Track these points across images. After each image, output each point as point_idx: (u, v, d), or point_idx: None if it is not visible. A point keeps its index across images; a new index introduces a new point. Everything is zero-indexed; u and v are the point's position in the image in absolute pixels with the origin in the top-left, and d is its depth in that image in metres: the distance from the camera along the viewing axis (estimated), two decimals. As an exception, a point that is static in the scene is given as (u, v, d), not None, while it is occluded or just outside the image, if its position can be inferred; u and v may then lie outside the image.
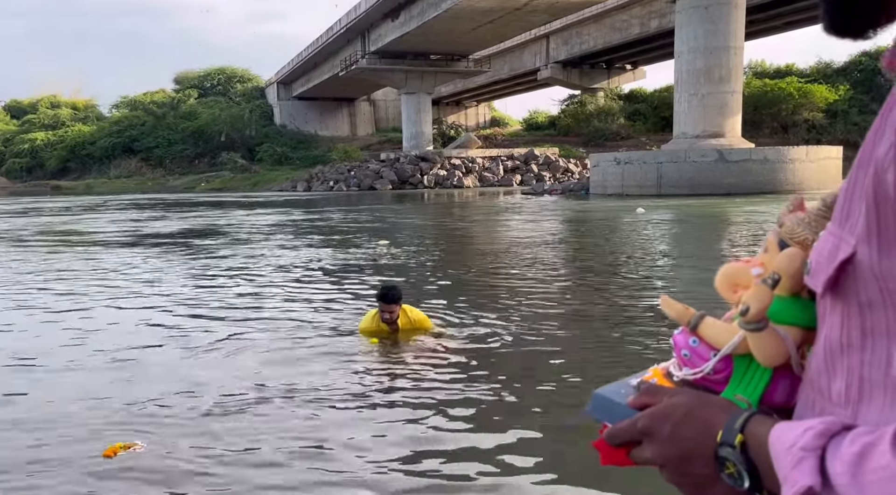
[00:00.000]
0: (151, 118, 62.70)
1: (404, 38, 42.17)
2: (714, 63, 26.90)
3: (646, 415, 0.62)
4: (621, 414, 0.65)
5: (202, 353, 5.01)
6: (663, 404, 0.62)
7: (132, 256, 11.17)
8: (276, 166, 55.53)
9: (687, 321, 0.67)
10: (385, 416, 3.70)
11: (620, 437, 0.64)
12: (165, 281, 8.51)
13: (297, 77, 61.57)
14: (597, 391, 0.69)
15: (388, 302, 5.14)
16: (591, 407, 0.69)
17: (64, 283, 8.39)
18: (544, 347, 5.01)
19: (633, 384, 0.69)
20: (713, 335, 0.65)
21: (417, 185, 43.98)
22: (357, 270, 9.12)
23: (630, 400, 0.66)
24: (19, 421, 3.69)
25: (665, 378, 0.69)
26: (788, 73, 50.34)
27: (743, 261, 0.67)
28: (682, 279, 8.32)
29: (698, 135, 27.66)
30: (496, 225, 17.66)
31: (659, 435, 0.60)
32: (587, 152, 44.24)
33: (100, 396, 4.07)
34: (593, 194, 30.28)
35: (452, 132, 61.30)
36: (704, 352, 0.65)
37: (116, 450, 3.09)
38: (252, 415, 3.71)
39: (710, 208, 19.81)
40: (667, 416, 0.61)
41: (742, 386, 0.64)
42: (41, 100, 74.25)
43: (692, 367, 0.66)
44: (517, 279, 8.23)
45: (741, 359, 0.64)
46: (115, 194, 45.62)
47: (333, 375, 4.41)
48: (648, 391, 0.66)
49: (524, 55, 55.20)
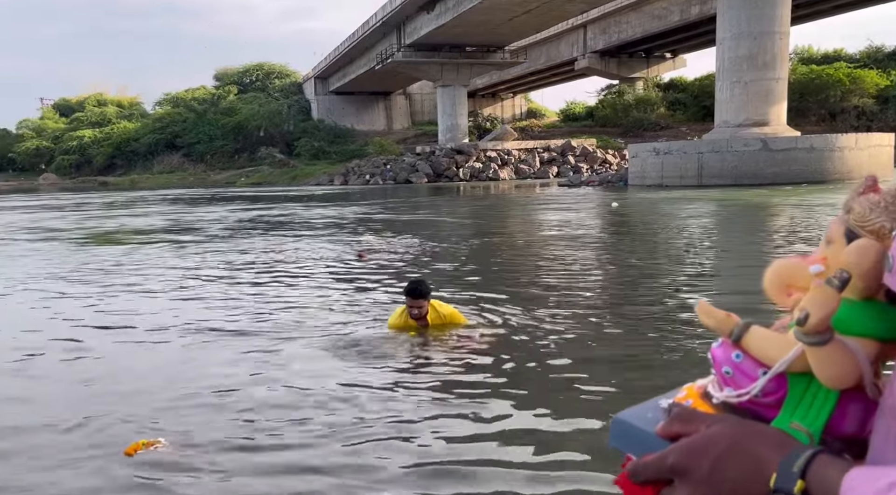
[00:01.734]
0: (193, 114, 63.89)
1: (440, 30, 41.99)
2: (758, 49, 26.08)
3: (678, 449, 0.51)
4: (648, 444, 0.54)
5: (229, 348, 4.99)
6: (700, 435, 0.50)
7: (198, 250, 11.32)
8: (314, 161, 56.05)
9: (729, 331, 0.55)
10: (409, 412, 3.61)
11: (647, 474, 0.52)
12: (207, 272, 8.58)
13: (334, 72, 61.93)
14: (617, 415, 0.57)
15: (416, 297, 5.01)
16: (613, 436, 0.57)
17: (133, 276, 8.53)
18: (581, 346, 4.85)
19: (663, 406, 0.58)
20: (761, 348, 0.53)
21: (453, 178, 43.88)
22: (392, 263, 9.06)
23: (659, 428, 0.54)
24: (45, 412, 3.70)
25: (702, 399, 0.57)
26: (837, 58, 48.73)
27: (798, 256, 0.55)
28: (723, 278, 8.04)
29: (741, 123, 26.89)
30: (531, 217, 17.44)
31: (695, 474, 0.49)
32: (625, 143, 43.54)
33: (128, 390, 4.07)
34: (632, 185, 29.74)
35: (488, 124, 61.00)
36: (751, 369, 0.54)
37: (138, 448, 3.05)
38: (277, 412, 3.65)
39: (753, 199, 19.23)
40: (705, 451, 0.49)
41: (800, 413, 0.52)
42: (88, 98, 76.36)
43: (735, 388, 0.54)
44: (554, 273, 8.05)
45: (798, 379, 0.52)
46: (160, 189, 46.63)
47: (360, 370, 4.33)
48: (681, 416, 0.54)
49: (561, 45, 54.49)
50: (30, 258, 10.88)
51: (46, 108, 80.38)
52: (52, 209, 25.78)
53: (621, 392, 3.82)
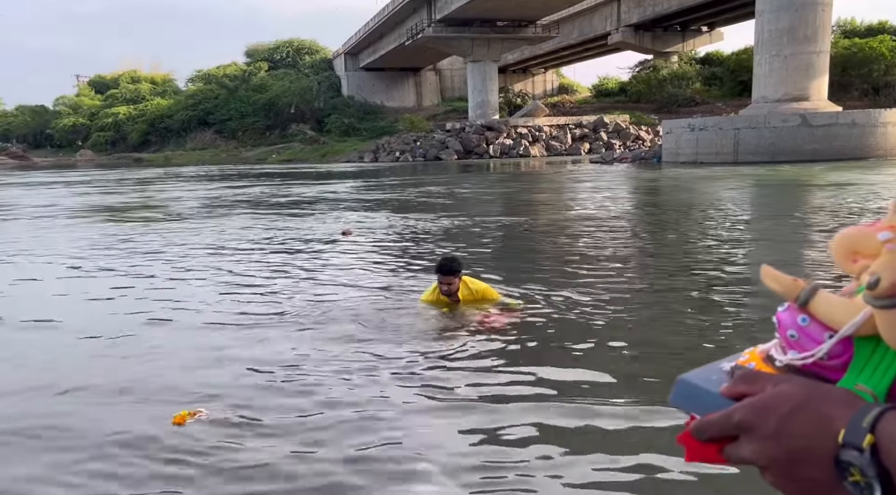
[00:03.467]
0: (224, 91, 64.39)
1: (471, 4, 41.48)
2: (799, 21, 25.29)
3: (745, 406, 0.52)
4: (713, 404, 0.55)
5: (269, 322, 5.08)
6: (767, 393, 0.52)
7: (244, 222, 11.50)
8: (344, 137, 56.21)
9: (796, 296, 0.55)
10: (440, 391, 3.64)
11: (712, 431, 0.54)
12: (247, 246, 8.72)
13: (364, 47, 61.74)
14: (682, 376, 0.58)
15: (446, 273, 5.00)
16: (675, 395, 0.58)
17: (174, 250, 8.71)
18: (619, 321, 4.83)
19: (725, 369, 0.58)
20: (829, 312, 0.54)
21: (483, 155, 43.65)
22: (426, 240, 9.08)
23: (724, 388, 0.55)
24: (95, 386, 3.82)
25: (765, 362, 0.58)
26: (881, 30, 47.04)
27: (865, 224, 0.55)
28: (774, 252, 7.90)
29: (780, 98, 26.20)
30: (563, 195, 17.30)
31: (761, 431, 0.50)
32: (659, 119, 42.78)
33: (173, 365, 4.18)
34: (666, 162, 29.27)
35: (519, 100, 60.38)
36: (817, 332, 0.55)
37: (185, 417, 3.14)
38: (309, 386, 3.72)
39: (795, 175, 18.79)
40: (772, 408, 0.51)
41: (865, 375, 0.53)
42: (122, 75, 77.42)
43: (801, 351, 0.56)
44: (588, 251, 8.00)
45: (864, 342, 0.53)
46: (192, 165, 47.26)
47: (395, 347, 4.38)
48: (746, 377, 0.55)
49: (594, 19, 53.45)
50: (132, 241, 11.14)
51: (82, 85, 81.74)
52: (129, 186, 26.30)
53: (658, 366, 3.81)
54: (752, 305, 5.11)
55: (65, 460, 2.91)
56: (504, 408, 3.34)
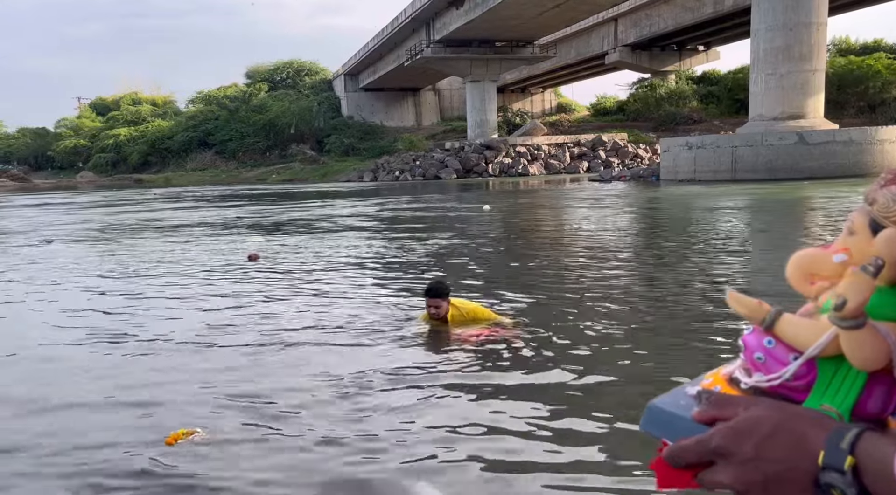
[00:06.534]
0: (225, 112, 64.75)
1: (469, 25, 41.89)
2: (794, 40, 25.50)
3: (722, 432, 0.52)
4: (684, 429, 0.55)
5: (265, 339, 5.09)
6: (742, 417, 0.52)
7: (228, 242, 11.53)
8: (344, 157, 56.44)
9: (761, 319, 0.56)
10: (434, 404, 3.64)
11: (687, 457, 0.53)
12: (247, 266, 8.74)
13: (364, 68, 62.21)
14: (652, 402, 0.58)
15: (433, 296, 5.04)
16: (646, 421, 0.58)
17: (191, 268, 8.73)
18: (609, 341, 4.83)
19: (690, 393, 0.58)
20: (794, 334, 0.55)
21: (482, 174, 43.82)
22: (420, 261, 9.10)
23: (695, 413, 0.55)
24: (88, 403, 3.82)
25: (730, 385, 0.59)
26: (876, 48, 47.45)
27: (819, 246, 0.57)
28: (764, 271, 7.92)
29: (776, 117, 26.34)
30: (561, 214, 17.34)
31: (739, 456, 0.50)
32: (657, 137, 42.97)
33: (167, 381, 4.18)
34: (664, 180, 29.36)
35: (518, 119, 60.72)
36: (783, 354, 0.55)
37: (178, 438, 3.14)
38: (302, 408, 3.72)
39: (790, 194, 18.85)
40: (748, 432, 0.50)
41: (829, 395, 0.54)
42: (123, 97, 77.90)
43: (766, 372, 0.56)
44: (583, 271, 8.02)
45: (827, 363, 0.54)
46: (194, 186, 47.41)
47: (389, 364, 4.38)
48: (717, 402, 0.55)
49: (591, 39, 53.96)
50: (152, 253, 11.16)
51: (83, 107, 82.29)
52: (148, 208, 26.35)
53: (647, 385, 3.80)
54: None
55: (52, 483, 2.90)
56: (490, 425, 3.33)
